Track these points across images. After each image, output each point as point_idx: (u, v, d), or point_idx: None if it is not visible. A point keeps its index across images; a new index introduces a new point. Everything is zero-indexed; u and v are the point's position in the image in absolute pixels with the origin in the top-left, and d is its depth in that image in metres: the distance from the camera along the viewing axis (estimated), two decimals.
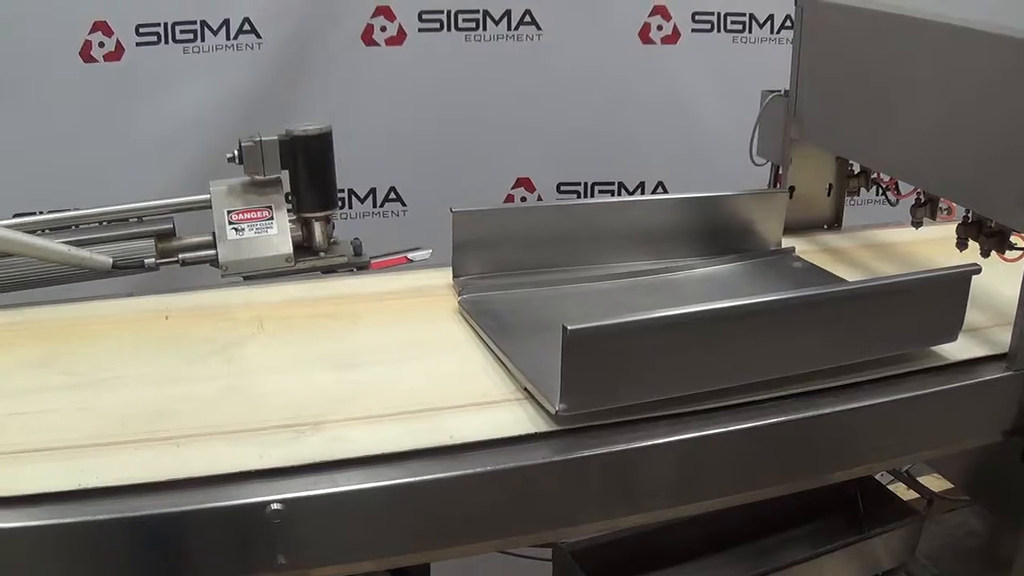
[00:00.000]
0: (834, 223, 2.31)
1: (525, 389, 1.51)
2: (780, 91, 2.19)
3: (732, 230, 2.06)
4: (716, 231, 2.04)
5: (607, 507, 1.45)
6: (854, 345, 1.58)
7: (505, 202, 3.34)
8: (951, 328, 1.63)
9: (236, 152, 2.07)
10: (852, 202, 2.35)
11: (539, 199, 3.39)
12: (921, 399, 1.59)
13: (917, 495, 2.21)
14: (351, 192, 3.37)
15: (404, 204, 3.39)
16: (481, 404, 1.49)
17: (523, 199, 3.38)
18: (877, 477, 2.14)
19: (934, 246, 2.10)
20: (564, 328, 1.33)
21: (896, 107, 1.89)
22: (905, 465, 2.17)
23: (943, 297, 1.61)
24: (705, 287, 1.94)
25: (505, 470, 1.34)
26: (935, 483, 2.26)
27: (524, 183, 3.39)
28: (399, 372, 1.59)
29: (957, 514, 2.35)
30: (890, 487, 2.16)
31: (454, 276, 1.88)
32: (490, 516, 1.38)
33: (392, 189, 3.39)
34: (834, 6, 2.06)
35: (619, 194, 3.42)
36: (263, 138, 2.06)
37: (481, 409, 1.47)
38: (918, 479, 2.26)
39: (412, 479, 1.31)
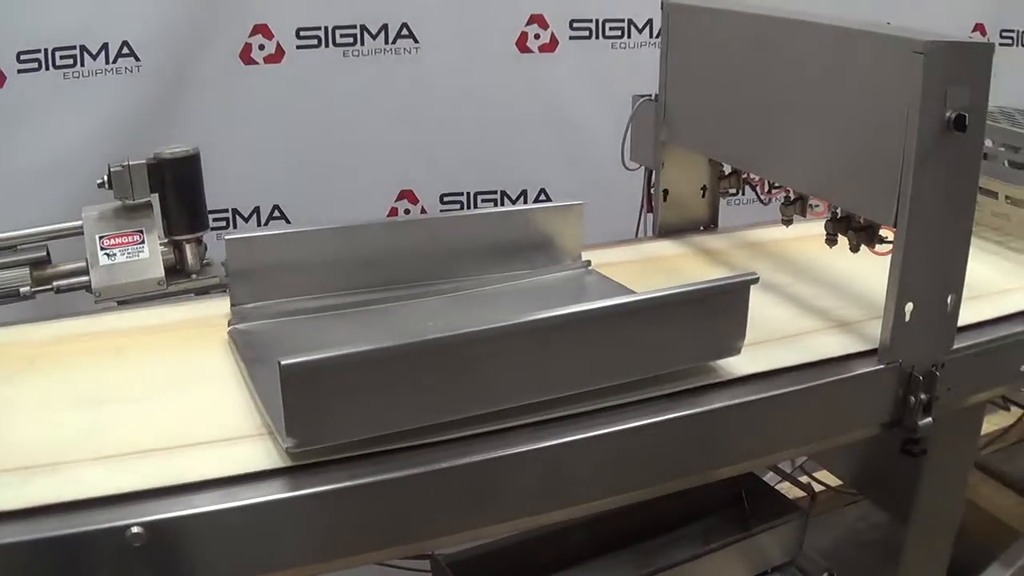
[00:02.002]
0: (710, 224, 2.33)
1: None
2: (650, 95, 2.21)
3: (530, 244, 1.99)
4: (512, 246, 1.98)
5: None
6: (623, 361, 1.53)
7: (388, 215, 3.33)
8: (734, 339, 1.59)
9: (106, 177, 2.04)
10: (736, 202, 2.38)
11: (423, 211, 3.38)
12: (791, 396, 1.60)
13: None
14: (235, 212, 3.32)
15: (288, 221, 3.36)
16: (225, 440, 1.42)
17: (407, 211, 3.37)
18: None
19: (805, 243, 2.13)
20: (278, 363, 1.27)
21: (762, 108, 1.91)
22: (783, 461, 2.20)
23: (722, 308, 1.57)
24: (493, 304, 1.89)
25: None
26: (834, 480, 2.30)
27: (407, 195, 3.38)
28: (149, 408, 1.52)
29: (856, 508, 2.39)
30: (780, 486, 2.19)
31: (231, 305, 1.80)
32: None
33: (276, 207, 3.35)
34: (700, 9, 2.09)
35: (502, 203, 3.43)
36: (131, 162, 2.04)
37: (224, 445, 1.41)
38: (814, 475, 2.29)
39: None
